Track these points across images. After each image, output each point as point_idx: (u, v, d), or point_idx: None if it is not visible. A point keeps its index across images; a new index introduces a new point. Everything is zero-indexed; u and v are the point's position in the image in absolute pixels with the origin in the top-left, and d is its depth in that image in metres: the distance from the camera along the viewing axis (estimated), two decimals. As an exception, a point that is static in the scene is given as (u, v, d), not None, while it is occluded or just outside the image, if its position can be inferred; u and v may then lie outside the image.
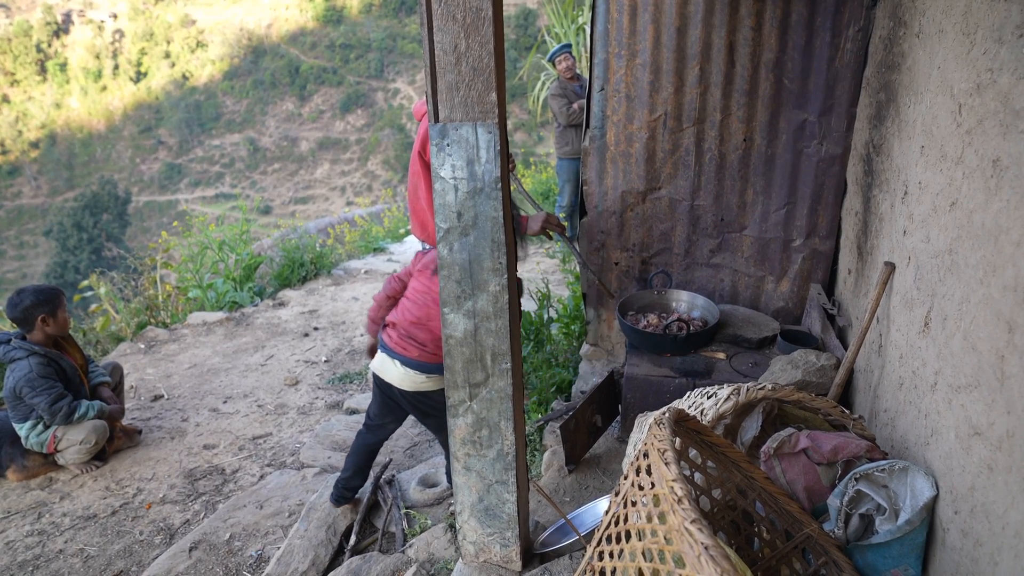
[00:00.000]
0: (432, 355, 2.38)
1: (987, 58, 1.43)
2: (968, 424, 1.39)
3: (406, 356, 2.38)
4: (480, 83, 1.56)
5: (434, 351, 2.37)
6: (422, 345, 2.37)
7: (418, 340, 2.37)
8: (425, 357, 2.38)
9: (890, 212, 2.15)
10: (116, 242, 30.01)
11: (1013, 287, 1.24)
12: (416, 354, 2.37)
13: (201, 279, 6.05)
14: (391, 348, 2.41)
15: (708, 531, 1.00)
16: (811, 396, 1.82)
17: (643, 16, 2.88)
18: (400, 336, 2.41)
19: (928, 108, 1.83)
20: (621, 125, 3.07)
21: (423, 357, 2.37)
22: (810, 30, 2.74)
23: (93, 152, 57.87)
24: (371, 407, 2.61)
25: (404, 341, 2.39)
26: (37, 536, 2.84)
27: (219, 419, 3.83)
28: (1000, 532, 1.24)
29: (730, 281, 3.25)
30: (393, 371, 2.42)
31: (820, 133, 2.85)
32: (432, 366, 2.39)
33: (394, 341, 2.41)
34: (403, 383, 2.42)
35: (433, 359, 2.38)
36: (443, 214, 1.70)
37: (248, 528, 2.78)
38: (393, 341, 2.42)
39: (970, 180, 1.48)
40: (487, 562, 2.11)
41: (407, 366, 2.38)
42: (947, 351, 1.54)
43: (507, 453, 1.93)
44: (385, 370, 2.44)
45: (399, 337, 2.41)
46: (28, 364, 3.07)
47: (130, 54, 63.65)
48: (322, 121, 58.11)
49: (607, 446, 2.83)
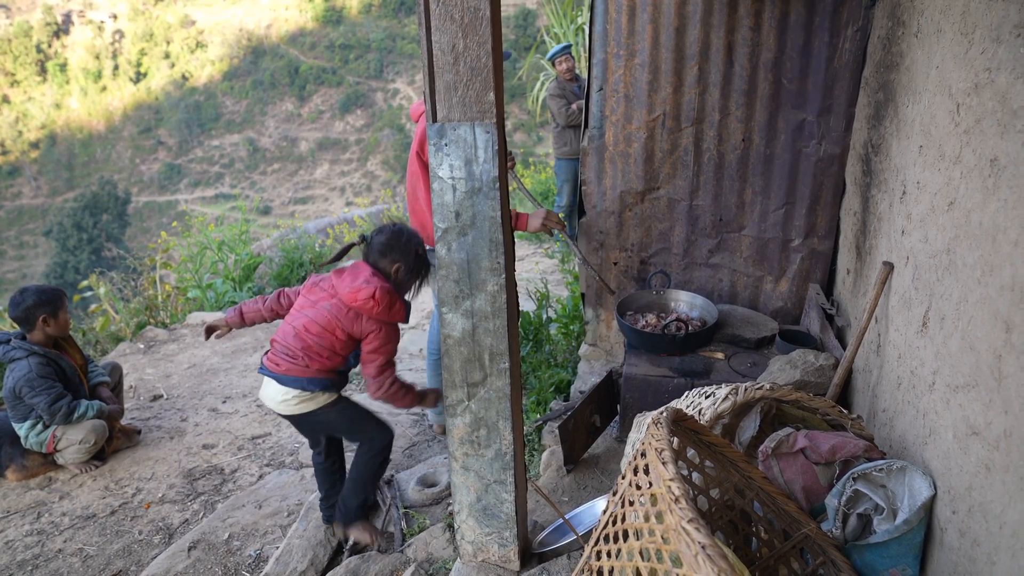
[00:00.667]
0: (302, 368, 2.24)
1: (985, 58, 1.43)
2: (966, 424, 1.39)
3: (275, 372, 2.27)
4: (478, 83, 1.56)
5: (304, 364, 2.24)
6: (292, 359, 2.25)
7: (290, 353, 2.25)
8: (294, 371, 2.24)
9: (888, 212, 2.15)
10: (116, 242, 30.01)
11: (1010, 286, 1.24)
12: (284, 368, 2.25)
13: (200, 279, 6.05)
14: (266, 367, 2.30)
15: (705, 530, 1.01)
16: (809, 396, 1.82)
17: (641, 16, 2.88)
18: (274, 353, 2.30)
19: (926, 108, 1.83)
20: (620, 125, 3.07)
21: (291, 371, 2.24)
22: (808, 30, 2.74)
23: (93, 152, 57.88)
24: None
25: (276, 356, 2.28)
26: (36, 536, 2.84)
27: (218, 419, 3.83)
28: (997, 532, 1.24)
29: (729, 281, 3.25)
30: (268, 392, 2.31)
31: (819, 133, 2.85)
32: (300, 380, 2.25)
33: (269, 358, 2.31)
34: (278, 406, 2.31)
35: (301, 372, 2.24)
36: (441, 214, 1.70)
37: (247, 528, 2.78)
38: (268, 359, 2.31)
39: (968, 180, 1.48)
40: (485, 562, 2.11)
41: (277, 382, 2.26)
42: (945, 351, 1.54)
43: (505, 453, 1.93)
44: (265, 395, 2.34)
45: (272, 354, 2.30)
46: (28, 364, 3.06)
47: (130, 55, 63.66)
48: (321, 121, 58.11)
49: (606, 446, 2.83)
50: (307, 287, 2.38)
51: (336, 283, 2.28)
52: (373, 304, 2.20)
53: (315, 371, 2.26)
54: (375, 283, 2.21)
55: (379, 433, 2.47)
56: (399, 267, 2.29)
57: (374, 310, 2.21)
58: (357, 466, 2.49)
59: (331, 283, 2.30)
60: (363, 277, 2.23)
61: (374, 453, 2.47)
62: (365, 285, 2.20)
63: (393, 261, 2.28)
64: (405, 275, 2.31)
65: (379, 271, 2.27)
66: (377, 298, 2.19)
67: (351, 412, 2.44)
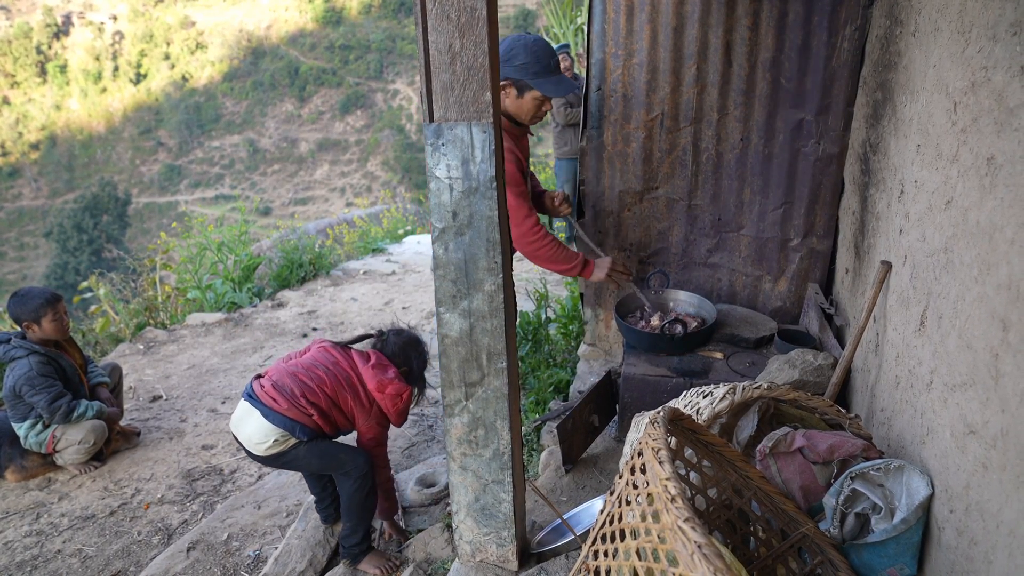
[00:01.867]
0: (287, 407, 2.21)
1: (982, 56, 1.43)
2: (963, 423, 1.39)
3: (261, 402, 2.22)
4: (475, 83, 1.56)
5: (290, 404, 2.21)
6: (294, 402, 2.22)
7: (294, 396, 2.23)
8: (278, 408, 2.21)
9: (887, 211, 2.15)
10: (116, 243, 30.04)
11: (1007, 285, 1.24)
12: (285, 408, 2.21)
13: (200, 280, 6.05)
14: (259, 399, 2.23)
15: (701, 530, 1.00)
16: (807, 395, 1.82)
17: (640, 16, 2.88)
18: (276, 388, 2.24)
19: (924, 107, 1.83)
20: (618, 125, 3.07)
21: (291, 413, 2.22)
22: (807, 29, 2.73)
23: (93, 154, 57.93)
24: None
25: (278, 393, 2.23)
26: (35, 536, 2.84)
27: (217, 419, 3.83)
28: (994, 531, 1.24)
29: (728, 281, 3.25)
30: (247, 425, 2.23)
31: (817, 132, 2.85)
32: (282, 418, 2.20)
33: (267, 393, 2.24)
34: (252, 444, 2.23)
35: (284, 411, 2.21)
36: (438, 213, 1.70)
37: (246, 528, 2.78)
38: (266, 393, 2.24)
39: (965, 178, 1.48)
40: (483, 562, 2.11)
41: (267, 419, 2.20)
42: (943, 350, 1.54)
43: (503, 453, 1.93)
44: (240, 424, 2.26)
45: (274, 389, 2.25)
46: (28, 363, 3.07)
47: (130, 56, 63.73)
48: (321, 122, 58.16)
49: (604, 446, 2.83)
50: (321, 347, 2.43)
51: (360, 364, 2.36)
52: (398, 402, 2.35)
53: (312, 422, 2.26)
54: (402, 385, 2.36)
55: (353, 462, 2.35)
56: (406, 371, 2.43)
57: (394, 406, 2.36)
58: (344, 502, 2.41)
59: (352, 360, 2.38)
60: (392, 372, 2.36)
61: (353, 482, 2.35)
62: (395, 380, 2.34)
63: (402, 364, 2.42)
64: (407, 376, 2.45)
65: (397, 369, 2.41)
66: (404, 399, 2.36)
67: (319, 448, 2.31)
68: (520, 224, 2.51)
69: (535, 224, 2.54)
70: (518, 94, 2.48)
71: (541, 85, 2.44)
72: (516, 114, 2.54)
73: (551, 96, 2.47)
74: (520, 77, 2.44)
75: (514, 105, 2.51)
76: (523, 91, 2.47)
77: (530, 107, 2.51)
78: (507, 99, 2.50)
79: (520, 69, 2.43)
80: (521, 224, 2.51)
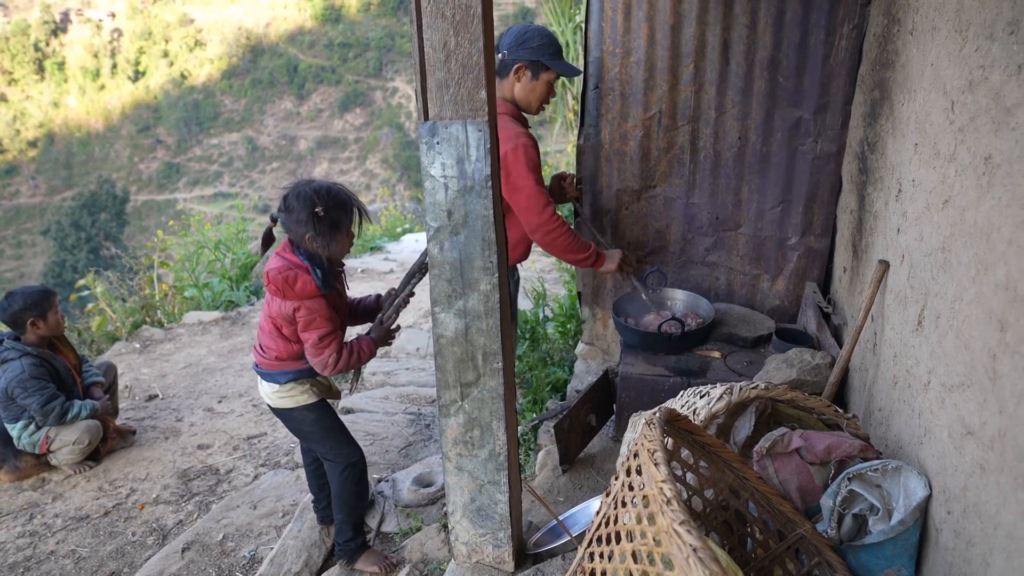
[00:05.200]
0: (270, 360, 2.18)
1: (979, 55, 1.42)
2: (961, 423, 1.38)
3: (256, 365, 2.24)
4: (470, 81, 1.55)
5: (270, 356, 2.17)
6: (261, 350, 2.20)
7: (261, 343, 2.21)
8: (263, 363, 2.20)
9: (884, 210, 2.14)
10: (114, 241, 29.96)
11: (1004, 285, 1.23)
12: (257, 359, 2.22)
13: (197, 278, 6.04)
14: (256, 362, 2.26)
15: (697, 532, 0.99)
16: (804, 395, 1.81)
17: (637, 14, 2.87)
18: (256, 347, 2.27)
19: (921, 105, 1.82)
20: (615, 123, 3.06)
21: (261, 363, 2.20)
22: (804, 28, 2.72)
23: (91, 151, 57.85)
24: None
25: (256, 351, 2.25)
26: (28, 537, 2.83)
27: (214, 419, 3.81)
28: (992, 532, 1.23)
29: (725, 279, 3.24)
30: (261, 386, 2.30)
31: (815, 131, 2.84)
32: (271, 373, 2.19)
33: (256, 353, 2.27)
34: (266, 398, 2.28)
35: (268, 365, 2.18)
36: (433, 212, 1.69)
37: (241, 528, 2.77)
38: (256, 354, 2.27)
39: (962, 178, 1.47)
40: (480, 563, 2.10)
41: (262, 378, 2.24)
42: (940, 350, 1.53)
43: (499, 453, 1.92)
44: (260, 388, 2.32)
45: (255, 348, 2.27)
46: (20, 365, 3.05)
47: (128, 53, 63.61)
48: (320, 120, 58.11)
49: (602, 446, 2.82)
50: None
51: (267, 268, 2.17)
52: (273, 289, 2.05)
53: (276, 361, 2.17)
54: (270, 264, 2.07)
55: (346, 450, 2.34)
56: (309, 236, 2.03)
57: (279, 292, 2.04)
58: (334, 492, 2.39)
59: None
60: (273, 259, 2.09)
61: (343, 471, 2.33)
62: (266, 268, 2.07)
63: (302, 233, 2.04)
64: (318, 239, 2.04)
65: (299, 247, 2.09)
66: (273, 282, 2.03)
67: (326, 423, 2.31)
68: (540, 212, 2.51)
69: (553, 213, 2.54)
70: (533, 76, 2.52)
71: (557, 65, 2.51)
72: (526, 100, 2.57)
73: (568, 76, 2.53)
74: (537, 58, 2.48)
75: (526, 88, 2.55)
76: (538, 73, 2.51)
77: (542, 90, 2.55)
78: (518, 83, 2.54)
79: (536, 51, 2.48)
80: (541, 212, 2.51)
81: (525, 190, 2.47)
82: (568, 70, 2.54)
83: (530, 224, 2.55)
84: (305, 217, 2.02)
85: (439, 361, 1.85)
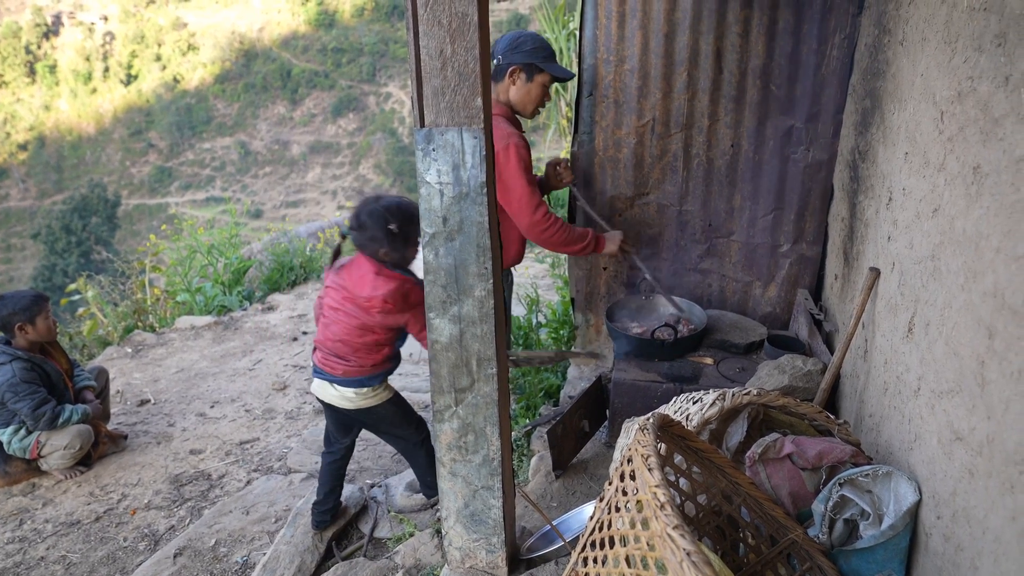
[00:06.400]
0: (357, 368, 2.31)
1: (968, 66, 1.45)
2: (950, 429, 1.40)
3: (333, 374, 2.32)
4: (466, 88, 1.56)
5: (359, 364, 2.30)
6: (345, 360, 2.30)
7: (340, 355, 2.30)
8: (351, 372, 2.31)
9: (875, 218, 2.17)
10: (105, 245, 29.81)
11: (993, 293, 1.24)
12: (341, 371, 2.31)
13: (190, 283, 6.01)
14: (320, 368, 2.36)
15: (690, 537, 1.00)
16: (796, 401, 1.82)
17: (631, 22, 2.89)
18: (324, 356, 2.34)
19: (911, 115, 1.85)
20: (609, 130, 3.08)
21: (349, 372, 2.31)
22: (797, 37, 2.75)
23: (82, 155, 57.57)
24: (327, 427, 2.58)
25: (329, 360, 2.32)
26: (18, 543, 2.81)
27: (206, 424, 3.80)
28: (980, 537, 1.24)
29: (718, 286, 3.26)
30: (330, 391, 2.37)
31: (807, 139, 2.87)
32: (361, 379, 2.32)
33: (320, 361, 2.36)
34: (341, 402, 2.38)
35: (358, 372, 2.31)
36: (428, 219, 1.70)
37: (234, 534, 2.76)
38: (320, 361, 2.36)
39: (952, 187, 1.49)
40: (473, 568, 2.10)
41: (336, 384, 2.33)
42: (930, 356, 1.55)
43: (493, 459, 1.92)
44: (323, 392, 2.40)
45: (323, 356, 2.35)
46: (11, 369, 3.04)
47: (121, 56, 63.41)
48: (313, 125, 58.07)
49: (595, 451, 2.83)
50: (328, 289, 2.35)
51: (350, 287, 2.24)
52: (391, 308, 2.19)
53: (371, 367, 2.32)
54: (381, 288, 2.17)
55: (422, 424, 2.61)
56: (384, 251, 2.18)
57: (394, 311, 2.20)
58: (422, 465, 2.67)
59: (343, 285, 2.27)
60: (369, 283, 2.19)
61: (423, 441, 2.61)
62: (373, 293, 2.17)
63: (376, 248, 2.19)
64: (393, 254, 2.20)
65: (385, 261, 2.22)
66: (392, 303, 2.18)
67: (404, 406, 2.54)
68: (532, 213, 2.55)
69: (546, 213, 2.58)
70: (527, 78, 2.56)
71: (552, 68, 2.56)
72: (521, 103, 2.61)
73: (562, 78, 2.57)
74: (531, 61, 2.52)
75: (521, 91, 2.58)
76: (532, 75, 2.55)
77: (537, 93, 2.59)
78: (512, 86, 2.57)
79: (530, 54, 2.52)
80: (533, 213, 2.55)
81: (516, 191, 2.50)
82: (562, 73, 2.58)
83: (523, 224, 2.59)
84: (380, 234, 2.16)
85: (433, 366, 1.86)
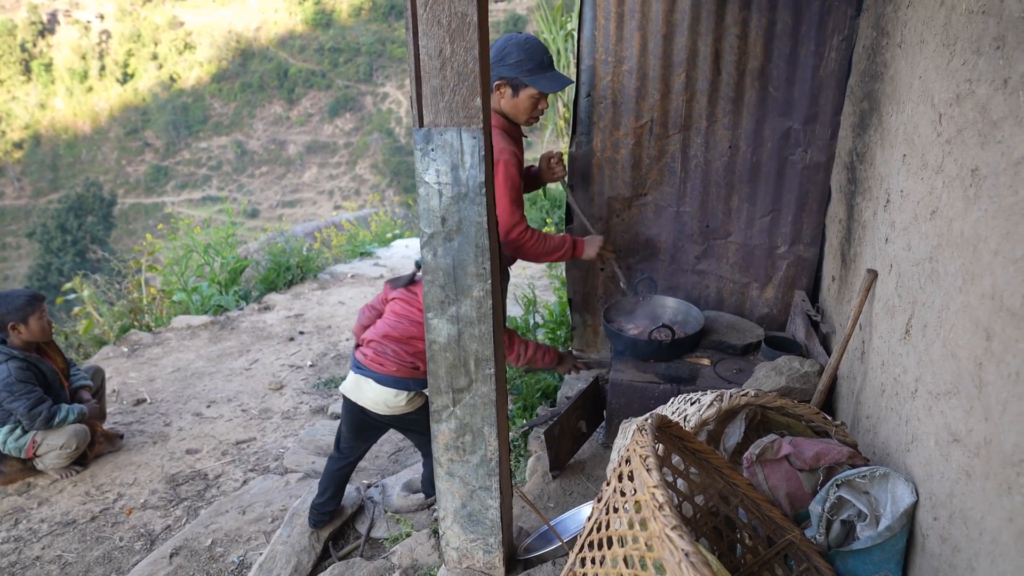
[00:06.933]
0: (411, 369, 2.31)
1: (966, 69, 1.45)
2: (947, 431, 1.40)
3: (381, 372, 2.30)
4: (465, 88, 1.56)
5: (411, 366, 2.31)
6: (398, 359, 2.30)
7: (399, 356, 2.30)
8: (404, 372, 2.30)
9: (873, 220, 2.17)
10: (101, 244, 29.67)
11: (991, 295, 1.25)
12: (394, 368, 2.29)
13: (186, 282, 6.00)
14: (365, 365, 2.33)
15: (688, 537, 1.00)
16: (793, 402, 1.82)
17: (630, 23, 2.89)
18: (377, 352, 2.33)
19: (910, 117, 1.85)
20: (607, 131, 3.08)
21: (401, 372, 2.30)
22: (795, 39, 2.76)
23: (78, 153, 57.39)
24: (342, 431, 2.52)
25: (381, 356, 2.31)
26: (13, 543, 2.80)
27: (202, 424, 3.79)
28: (977, 538, 1.25)
29: (715, 287, 3.27)
30: (368, 392, 2.34)
31: (805, 141, 2.87)
32: (405, 381, 2.32)
33: (369, 358, 2.33)
34: (377, 406, 2.34)
35: (412, 374, 2.31)
36: (427, 219, 1.70)
37: (230, 534, 2.75)
38: (368, 358, 2.33)
39: (950, 189, 1.50)
40: (470, 568, 2.10)
41: (382, 383, 2.30)
42: (927, 358, 1.56)
43: (490, 459, 1.92)
44: (360, 392, 2.36)
45: (375, 353, 2.33)
46: (7, 368, 3.02)
47: (117, 55, 63.24)
48: (310, 125, 58.00)
49: (592, 452, 2.83)
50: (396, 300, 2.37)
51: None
52: None
53: (416, 371, 2.33)
54: None
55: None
56: None
57: None
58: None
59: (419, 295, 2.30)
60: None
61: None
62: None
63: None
64: None
65: None
66: None
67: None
68: (508, 232, 2.50)
69: (523, 231, 2.54)
70: (513, 93, 2.47)
71: (536, 81, 2.43)
72: (513, 114, 2.53)
73: (547, 92, 2.46)
74: (515, 75, 2.42)
75: (510, 104, 2.50)
76: (518, 89, 2.46)
77: (526, 105, 2.50)
78: (502, 99, 2.49)
79: (514, 67, 2.42)
80: (509, 232, 2.51)
81: (498, 206, 2.45)
82: (548, 85, 2.43)
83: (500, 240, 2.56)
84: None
85: (431, 367, 1.86)
